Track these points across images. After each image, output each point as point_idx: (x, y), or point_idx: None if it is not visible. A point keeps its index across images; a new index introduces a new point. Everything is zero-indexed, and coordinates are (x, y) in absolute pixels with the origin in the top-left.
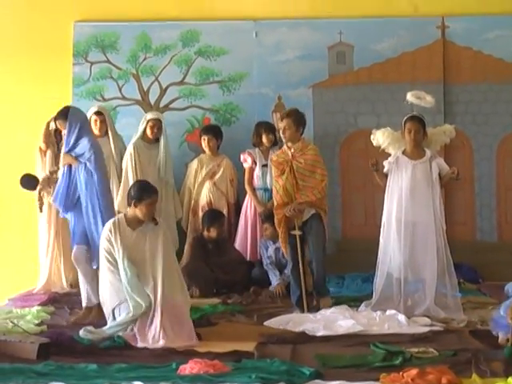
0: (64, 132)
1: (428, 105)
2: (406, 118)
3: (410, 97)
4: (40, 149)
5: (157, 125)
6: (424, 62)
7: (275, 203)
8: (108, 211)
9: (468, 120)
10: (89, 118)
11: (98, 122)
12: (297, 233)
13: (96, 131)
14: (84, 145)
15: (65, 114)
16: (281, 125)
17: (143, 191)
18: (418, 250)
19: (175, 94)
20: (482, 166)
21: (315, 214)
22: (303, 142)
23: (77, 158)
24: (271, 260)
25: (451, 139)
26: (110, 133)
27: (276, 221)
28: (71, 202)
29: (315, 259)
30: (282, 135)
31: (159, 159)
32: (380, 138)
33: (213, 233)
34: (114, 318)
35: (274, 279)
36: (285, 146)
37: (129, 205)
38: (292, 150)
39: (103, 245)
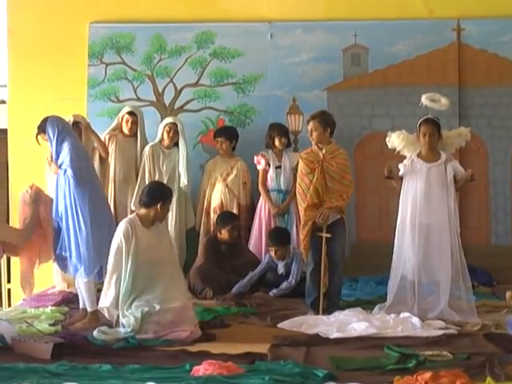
0: (48, 144)
1: (443, 107)
2: (420, 120)
3: (424, 99)
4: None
5: (173, 128)
6: (439, 64)
7: (303, 204)
8: (90, 214)
9: (483, 123)
10: (121, 116)
11: (130, 123)
12: (325, 235)
13: (126, 131)
14: (64, 151)
15: (42, 126)
16: (308, 127)
17: (168, 193)
18: (432, 252)
19: (190, 95)
20: (497, 169)
21: (340, 219)
22: (335, 145)
23: (60, 166)
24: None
25: (466, 142)
26: (139, 134)
27: (302, 222)
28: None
29: (335, 269)
30: (309, 137)
31: (181, 165)
32: (395, 140)
33: (225, 235)
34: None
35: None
36: (314, 146)
37: (145, 206)
38: (323, 151)
39: (118, 241)
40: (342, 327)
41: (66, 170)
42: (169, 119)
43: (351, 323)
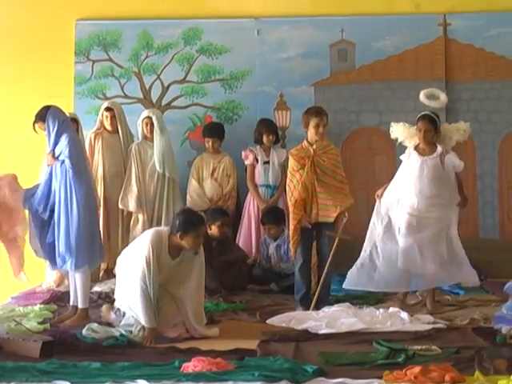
0: (45, 133)
1: (441, 105)
2: (419, 115)
3: (422, 97)
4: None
5: (149, 122)
6: (426, 59)
7: (293, 200)
8: (85, 207)
9: (470, 118)
10: (100, 114)
11: (109, 118)
12: (343, 236)
13: (108, 127)
14: (62, 142)
15: (42, 115)
16: (319, 122)
17: (189, 224)
18: (424, 245)
19: (177, 92)
20: (485, 163)
21: None
22: (326, 141)
23: (57, 158)
24: (271, 258)
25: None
26: (119, 129)
27: (291, 219)
28: (49, 205)
29: (325, 265)
30: (319, 132)
31: (155, 154)
32: (397, 132)
33: (215, 231)
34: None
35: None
36: (305, 142)
37: (172, 233)
38: (314, 147)
39: (145, 258)
40: (331, 322)
41: (63, 161)
42: (144, 113)
43: (340, 318)
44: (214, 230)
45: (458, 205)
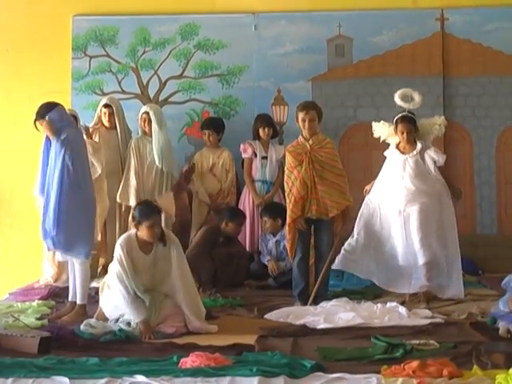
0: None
1: (416, 106)
2: (397, 118)
3: (397, 99)
4: None
5: (147, 117)
6: (423, 54)
7: (291, 197)
8: (81, 184)
9: (467, 113)
10: (99, 110)
11: (107, 115)
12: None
13: (106, 123)
14: (62, 136)
15: (44, 113)
16: (304, 116)
17: (141, 213)
18: (411, 239)
19: (174, 87)
20: (482, 159)
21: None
22: (322, 135)
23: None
24: (271, 253)
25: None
26: (117, 125)
27: (288, 218)
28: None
29: (323, 260)
30: (306, 126)
31: (155, 149)
32: (379, 131)
33: (231, 228)
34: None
35: (265, 259)
36: (300, 138)
37: (136, 227)
38: (310, 142)
39: (117, 258)
40: (329, 317)
41: (57, 140)
42: (143, 108)
43: (338, 313)
44: (230, 227)
45: (453, 196)
